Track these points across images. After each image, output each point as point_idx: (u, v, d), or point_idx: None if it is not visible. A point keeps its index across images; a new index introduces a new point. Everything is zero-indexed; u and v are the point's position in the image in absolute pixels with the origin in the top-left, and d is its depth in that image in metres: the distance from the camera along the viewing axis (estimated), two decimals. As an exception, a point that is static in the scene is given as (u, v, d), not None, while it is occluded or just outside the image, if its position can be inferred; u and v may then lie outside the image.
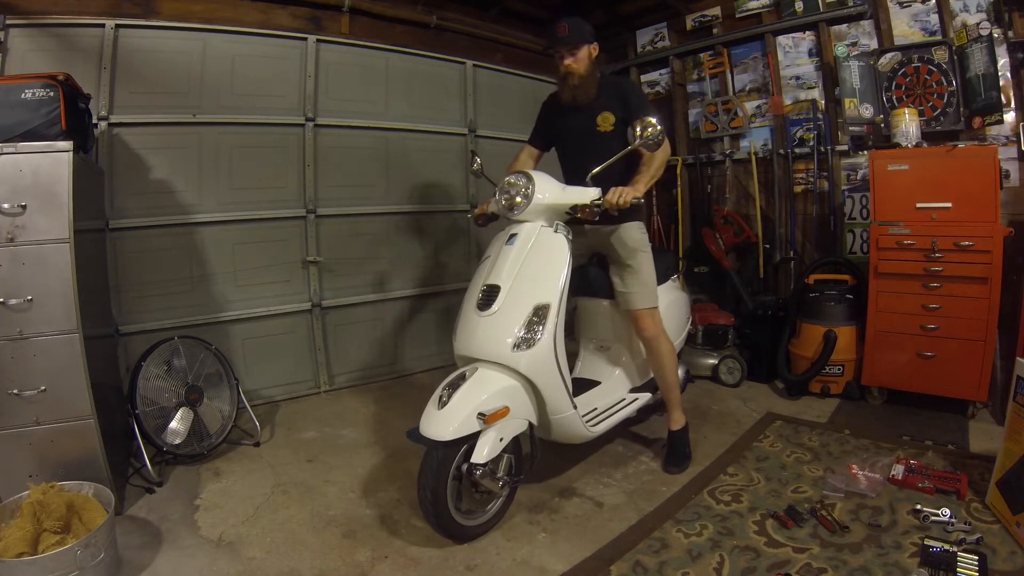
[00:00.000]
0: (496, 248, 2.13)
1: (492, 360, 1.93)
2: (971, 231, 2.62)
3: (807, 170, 3.70)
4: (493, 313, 1.96)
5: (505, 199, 2.10)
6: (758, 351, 3.41)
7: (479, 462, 1.78)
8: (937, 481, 2.08)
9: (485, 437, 1.81)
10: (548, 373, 1.94)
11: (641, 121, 1.99)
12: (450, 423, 1.76)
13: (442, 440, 1.75)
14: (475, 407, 1.79)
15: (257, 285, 3.20)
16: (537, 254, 2.02)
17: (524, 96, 4.40)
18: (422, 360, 3.87)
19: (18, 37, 2.54)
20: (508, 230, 2.12)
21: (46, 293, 1.86)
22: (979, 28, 2.95)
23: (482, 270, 2.12)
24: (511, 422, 1.89)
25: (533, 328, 1.91)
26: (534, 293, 1.96)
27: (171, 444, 2.39)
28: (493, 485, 1.88)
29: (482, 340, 1.95)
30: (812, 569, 1.68)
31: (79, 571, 1.56)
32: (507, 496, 2.03)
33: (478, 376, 1.90)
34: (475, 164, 2.49)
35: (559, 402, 2.00)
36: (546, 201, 2.05)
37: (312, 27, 3.32)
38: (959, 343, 2.68)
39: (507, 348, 1.90)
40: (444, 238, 3.97)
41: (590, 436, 2.17)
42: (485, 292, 2.02)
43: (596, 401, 2.38)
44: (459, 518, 1.87)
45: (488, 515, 1.97)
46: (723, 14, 4.00)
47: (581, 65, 2.22)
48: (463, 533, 1.90)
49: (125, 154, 2.80)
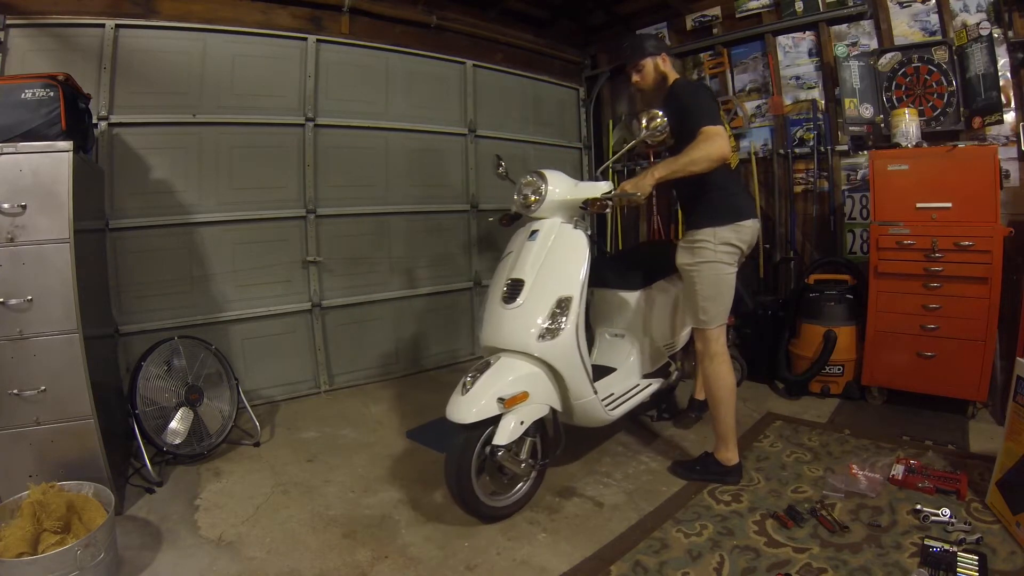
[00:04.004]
0: (518, 244, 2.25)
1: (518, 350, 2.05)
2: (971, 231, 2.62)
3: (807, 170, 3.70)
4: (518, 306, 2.08)
5: (522, 198, 2.22)
6: (758, 351, 3.41)
7: (500, 444, 1.89)
8: (937, 481, 2.08)
9: (505, 420, 1.91)
10: (571, 361, 2.06)
11: (648, 113, 2.07)
12: (472, 407, 1.89)
13: (464, 423, 1.87)
14: (496, 392, 1.91)
15: (257, 285, 3.20)
16: (558, 249, 2.14)
17: (524, 96, 4.40)
18: (422, 360, 3.88)
19: (18, 37, 2.55)
20: (529, 226, 2.24)
21: (46, 293, 1.86)
22: (979, 28, 2.95)
23: (504, 265, 2.24)
24: (531, 407, 1.99)
25: (557, 319, 2.03)
26: (557, 286, 2.08)
27: (171, 444, 2.39)
28: (515, 467, 1.98)
29: (508, 331, 2.07)
30: (812, 569, 1.68)
31: (79, 571, 1.56)
32: (534, 480, 2.13)
33: (500, 364, 2.02)
34: (500, 168, 2.55)
35: (581, 388, 2.11)
36: (559, 197, 2.17)
37: (312, 27, 3.32)
38: (959, 343, 2.68)
39: (532, 339, 2.02)
40: (444, 238, 3.97)
41: (609, 419, 2.28)
42: (510, 286, 2.14)
43: (613, 387, 2.49)
44: (484, 498, 1.97)
45: (514, 497, 2.08)
46: (723, 14, 3.99)
47: (647, 80, 2.29)
48: (488, 513, 1.99)
49: (125, 154, 2.80)
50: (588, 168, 4.85)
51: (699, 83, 2.31)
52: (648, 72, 2.27)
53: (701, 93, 2.20)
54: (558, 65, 4.66)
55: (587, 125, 4.87)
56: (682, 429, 2.76)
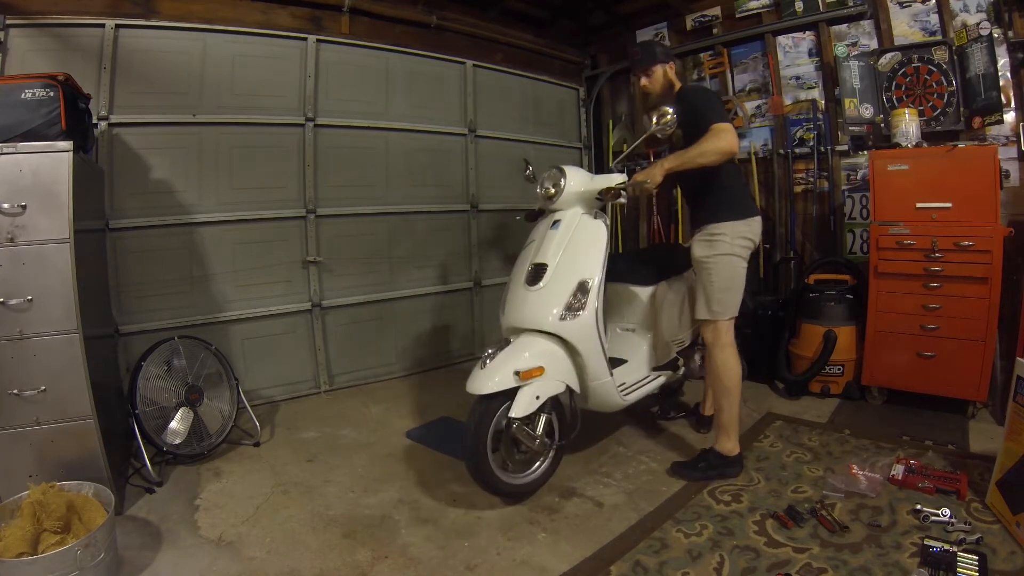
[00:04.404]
0: (540, 232, 2.38)
1: (539, 328, 2.15)
2: (971, 231, 2.62)
3: (807, 170, 3.70)
4: (541, 287, 2.19)
5: (544, 191, 2.37)
6: (758, 351, 3.41)
7: (516, 416, 1.98)
8: (937, 481, 2.08)
9: (522, 394, 2.00)
10: (590, 340, 2.17)
11: (659, 110, 2.16)
12: (490, 379, 1.99)
13: (482, 393, 1.98)
14: (513, 366, 2.01)
15: (257, 285, 3.20)
16: (580, 237, 2.27)
17: (524, 96, 4.40)
18: (423, 360, 3.87)
19: (18, 37, 2.55)
20: (551, 217, 2.37)
21: (46, 293, 1.86)
22: (979, 28, 2.94)
23: (527, 252, 2.36)
24: (547, 382, 2.08)
25: (578, 299, 2.16)
26: (578, 270, 2.20)
27: (171, 444, 2.39)
28: (530, 441, 2.05)
29: (531, 312, 2.18)
30: (812, 569, 1.68)
31: (79, 571, 1.56)
32: (551, 461, 2.21)
33: (520, 341, 2.14)
34: (528, 171, 2.61)
35: (598, 368, 2.21)
36: (576, 189, 2.31)
37: (312, 27, 3.32)
38: (959, 343, 2.68)
39: (555, 318, 2.13)
40: (444, 238, 3.97)
41: (623, 404, 2.38)
42: (533, 270, 2.25)
43: (624, 377, 2.57)
44: (501, 474, 2.06)
45: (530, 476, 2.16)
46: (723, 14, 3.99)
47: (655, 85, 2.38)
48: (503, 488, 2.08)
49: (125, 154, 2.80)
50: (588, 168, 4.85)
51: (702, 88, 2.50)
52: (658, 78, 2.37)
53: (710, 94, 2.37)
54: (558, 65, 4.67)
55: (587, 125, 4.87)
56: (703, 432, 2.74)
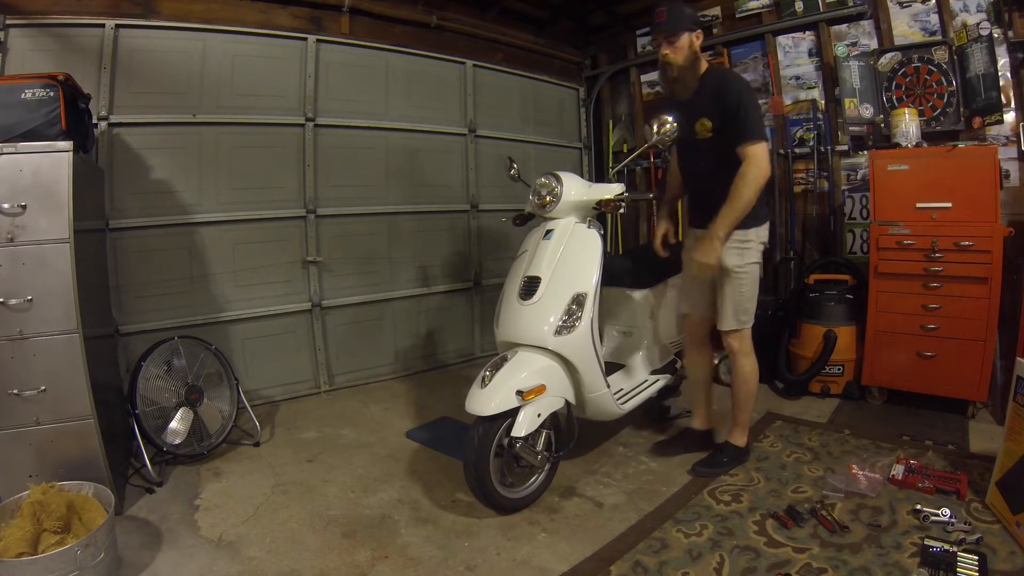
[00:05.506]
0: (532, 242, 2.30)
1: (535, 344, 2.10)
2: (971, 231, 2.62)
3: (807, 170, 3.70)
4: (535, 302, 2.14)
5: (538, 199, 2.28)
6: (758, 351, 3.38)
7: (518, 435, 1.93)
8: (937, 481, 2.08)
9: (524, 413, 1.96)
10: (586, 355, 2.13)
11: (659, 119, 2.10)
12: (491, 400, 1.94)
13: (484, 415, 1.92)
14: (514, 385, 1.96)
15: (257, 285, 3.20)
16: (573, 247, 2.21)
17: (524, 96, 4.40)
18: (422, 360, 3.87)
19: (18, 37, 2.54)
20: (543, 226, 2.29)
21: (46, 293, 1.86)
22: (979, 28, 2.95)
23: (520, 263, 2.29)
24: (548, 399, 2.04)
25: (573, 314, 2.10)
26: (572, 283, 2.15)
27: (171, 444, 2.39)
28: (532, 458, 2.03)
29: (525, 327, 2.13)
30: (812, 569, 1.67)
31: (79, 571, 1.56)
32: (548, 472, 2.17)
33: (518, 358, 2.07)
34: (512, 170, 2.56)
35: (595, 382, 2.18)
36: (574, 199, 2.24)
37: (312, 27, 3.32)
38: (959, 343, 2.68)
39: (549, 333, 2.08)
40: (444, 238, 3.97)
41: (620, 413, 2.34)
42: (526, 283, 2.20)
43: (622, 382, 2.56)
44: (501, 489, 2.02)
45: (529, 489, 2.12)
46: (723, 14, 3.99)
47: (680, 55, 2.08)
48: (506, 504, 2.04)
49: (125, 154, 2.80)
50: (588, 168, 4.85)
51: (745, 81, 2.15)
52: (683, 47, 2.08)
53: (752, 96, 2.05)
54: (558, 65, 4.67)
55: (587, 125, 4.87)
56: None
